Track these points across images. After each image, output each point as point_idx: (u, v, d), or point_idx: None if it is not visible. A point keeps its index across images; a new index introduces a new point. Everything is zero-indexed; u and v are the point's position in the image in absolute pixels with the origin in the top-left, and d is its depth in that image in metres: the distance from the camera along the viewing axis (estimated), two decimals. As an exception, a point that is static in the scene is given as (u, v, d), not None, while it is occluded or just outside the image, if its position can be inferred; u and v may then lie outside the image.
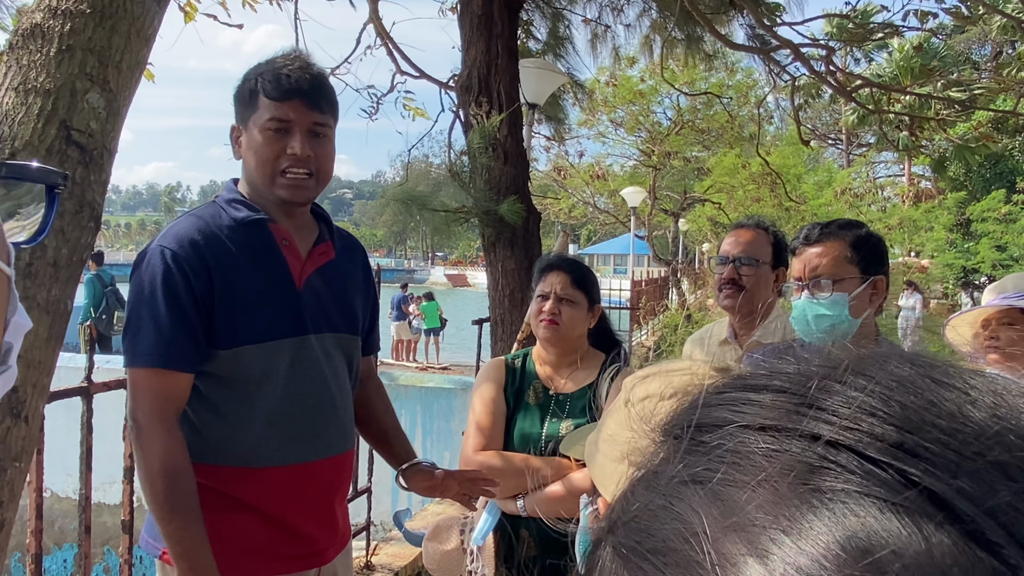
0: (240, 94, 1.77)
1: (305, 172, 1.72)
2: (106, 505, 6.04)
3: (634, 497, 0.33)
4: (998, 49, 23.83)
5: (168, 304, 1.64)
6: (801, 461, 0.29)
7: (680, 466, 0.31)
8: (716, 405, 0.33)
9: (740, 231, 2.59)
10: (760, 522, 0.28)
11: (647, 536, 0.30)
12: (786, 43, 6.10)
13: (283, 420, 1.74)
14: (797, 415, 0.30)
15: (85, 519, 2.33)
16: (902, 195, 22.68)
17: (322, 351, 1.80)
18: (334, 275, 1.86)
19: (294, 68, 1.72)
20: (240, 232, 1.74)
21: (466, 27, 5.12)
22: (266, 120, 1.70)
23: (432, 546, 2.28)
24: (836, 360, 0.33)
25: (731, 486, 0.29)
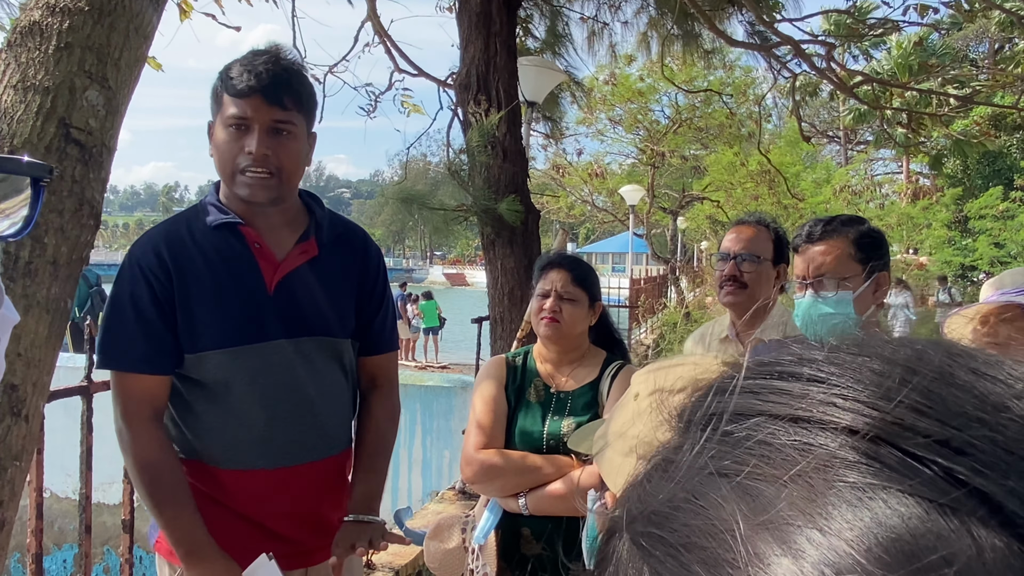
0: (212, 90, 1.73)
1: (265, 171, 1.66)
2: (106, 505, 6.03)
3: (652, 488, 0.32)
4: (999, 44, 23.85)
5: (132, 309, 1.67)
6: (837, 456, 0.27)
7: (704, 457, 0.30)
8: (741, 393, 0.32)
9: (741, 228, 2.58)
10: (794, 520, 0.26)
11: (670, 530, 0.29)
12: (787, 39, 6.09)
13: (254, 425, 1.73)
14: (832, 406, 0.29)
15: (86, 519, 2.33)
16: (900, 192, 22.70)
17: (299, 356, 1.75)
18: (317, 274, 1.79)
19: (259, 63, 1.65)
20: (211, 236, 1.72)
21: (464, 25, 5.11)
22: (226, 117, 1.66)
23: (434, 545, 2.28)
24: (871, 349, 0.31)
25: (761, 480, 0.28)
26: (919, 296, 18.69)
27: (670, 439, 0.34)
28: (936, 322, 3.72)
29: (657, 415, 0.37)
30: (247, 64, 1.66)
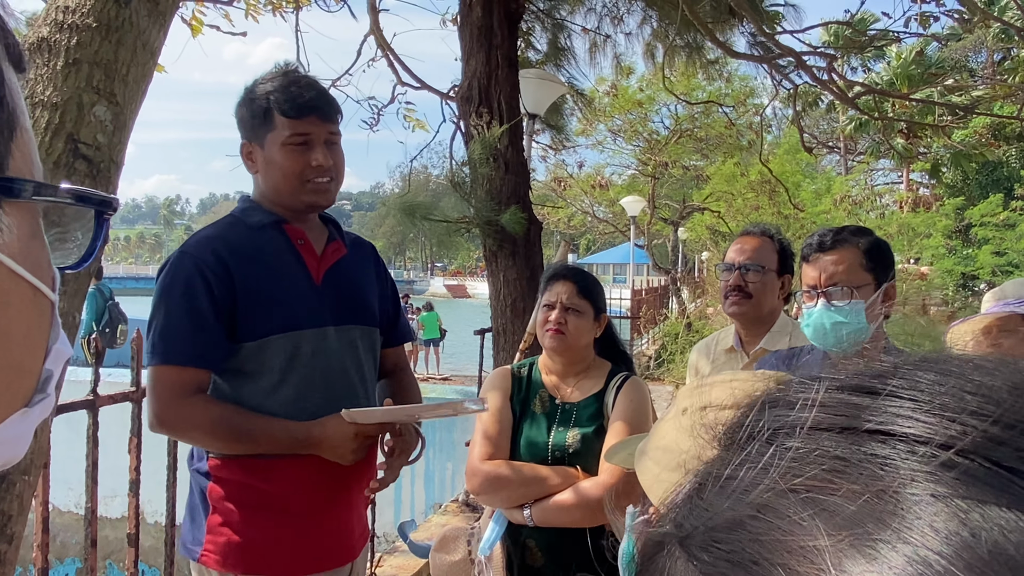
0: (252, 112, 1.86)
1: (327, 179, 1.86)
2: (108, 519, 6.01)
3: (706, 504, 0.31)
4: (1001, 55, 23.93)
5: (186, 304, 1.75)
6: (922, 470, 0.27)
7: (770, 473, 0.29)
8: (805, 407, 0.31)
9: (746, 238, 2.59)
10: (880, 535, 0.26)
11: (737, 546, 0.28)
12: (788, 51, 6.12)
13: (308, 408, 1.82)
14: (912, 420, 0.28)
15: (91, 532, 2.32)
16: (900, 202, 22.72)
17: (346, 342, 1.91)
18: (350, 270, 1.98)
19: (303, 86, 1.85)
20: (257, 235, 1.86)
21: (466, 38, 5.14)
22: (287, 136, 1.82)
23: (439, 557, 2.27)
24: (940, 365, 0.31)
25: (838, 495, 0.27)
26: (920, 306, 18.67)
27: (721, 454, 0.34)
28: (939, 332, 3.71)
29: (708, 431, 0.36)
30: (293, 88, 1.84)
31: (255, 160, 1.88)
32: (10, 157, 0.41)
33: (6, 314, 0.41)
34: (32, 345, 0.43)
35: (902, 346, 2.08)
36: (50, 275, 0.45)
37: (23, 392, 0.43)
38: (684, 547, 0.31)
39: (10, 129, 0.41)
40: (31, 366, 0.44)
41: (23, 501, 1.62)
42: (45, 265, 0.44)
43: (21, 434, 0.44)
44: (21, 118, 0.42)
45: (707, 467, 0.33)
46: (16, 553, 1.62)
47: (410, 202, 5.32)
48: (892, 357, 0.34)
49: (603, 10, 6.47)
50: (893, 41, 7.74)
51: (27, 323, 0.43)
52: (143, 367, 1.81)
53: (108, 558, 6.45)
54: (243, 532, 1.80)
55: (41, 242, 0.44)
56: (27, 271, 0.41)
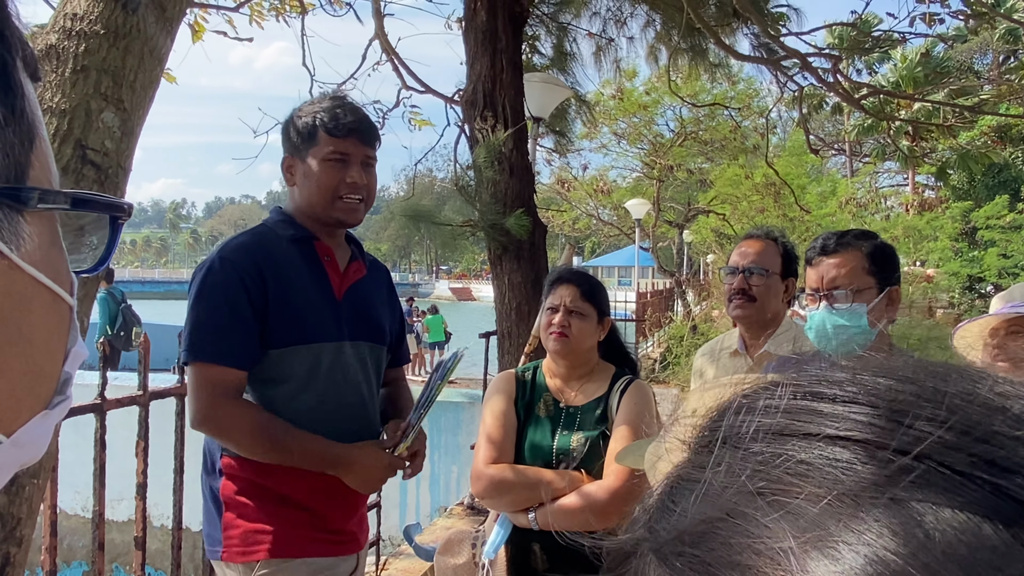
0: (297, 129, 1.98)
1: (358, 198, 1.98)
2: (114, 522, 6.03)
3: (676, 507, 0.32)
4: (1004, 56, 23.87)
5: (225, 305, 1.84)
6: (882, 474, 0.28)
7: (738, 476, 0.30)
8: (770, 413, 0.32)
9: (749, 241, 2.59)
10: (842, 537, 0.27)
11: (707, 549, 0.29)
12: (793, 53, 6.12)
13: (323, 418, 1.91)
14: (871, 427, 0.30)
15: (98, 536, 2.33)
16: (906, 204, 22.66)
17: (357, 357, 2.01)
18: (366, 290, 2.09)
19: (347, 109, 1.99)
20: (289, 247, 1.97)
21: (471, 42, 5.15)
22: (328, 152, 1.94)
23: (444, 560, 2.28)
24: (896, 371, 0.32)
25: (803, 499, 0.28)
26: (925, 308, 18.62)
27: (691, 457, 0.35)
28: (946, 334, 3.70)
29: (680, 435, 0.37)
30: (339, 110, 1.97)
31: (294, 173, 2.00)
32: (30, 167, 0.42)
33: (28, 320, 0.42)
34: (52, 349, 0.45)
35: (908, 349, 2.08)
36: (69, 280, 0.46)
37: (44, 395, 0.45)
38: (655, 552, 0.31)
39: (30, 140, 0.42)
40: (51, 369, 0.45)
41: (32, 504, 1.63)
42: (64, 271, 0.45)
43: (41, 435, 0.45)
44: (39, 128, 0.43)
45: (677, 470, 0.34)
46: (25, 556, 1.63)
47: (415, 205, 5.33)
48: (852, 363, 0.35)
49: (607, 14, 6.48)
50: (898, 42, 7.73)
51: (48, 328, 0.44)
52: (182, 364, 1.90)
53: (115, 561, 6.47)
54: (256, 522, 1.88)
55: (60, 249, 0.45)
56: (48, 278, 0.43)
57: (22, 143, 0.41)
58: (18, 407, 0.42)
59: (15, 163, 0.40)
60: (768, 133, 10.85)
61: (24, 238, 0.41)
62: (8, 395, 0.41)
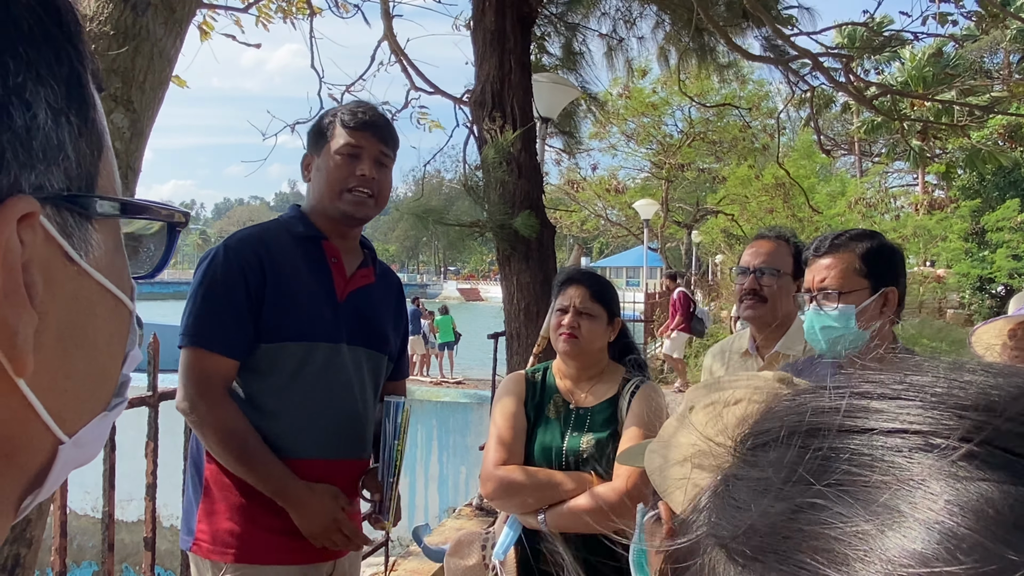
0: (319, 128, 2.00)
1: (368, 192, 1.97)
2: (124, 522, 6.06)
3: (739, 503, 0.33)
4: (1019, 56, 23.74)
5: (222, 293, 1.84)
6: (946, 460, 0.30)
7: (802, 471, 0.32)
8: (827, 411, 0.34)
9: (761, 242, 2.57)
10: (917, 517, 0.29)
11: (780, 539, 0.30)
12: (804, 52, 6.10)
13: (312, 416, 1.91)
14: (931, 418, 0.31)
15: (108, 536, 2.34)
16: (916, 204, 22.55)
17: (353, 361, 1.99)
18: (372, 297, 2.07)
19: (367, 107, 2.02)
20: (297, 244, 1.96)
21: (479, 43, 5.15)
22: (341, 145, 1.95)
23: (454, 561, 2.27)
24: (944, 369, 0.34)
25: (870, 487, 0.30)
26: (936, 308, 18.53)
27: (746, 454, 0.36)
28: (959, 334, 3.67)
29: (715, 425, 0.38)
30: (358, 108, 2.00)
31: (310, 169, 2.01)
32: (99, 176, 0.43)
33: (94, 324, 0.43)
34: (114, 352, 0.46)
35: (920, 350, 2.06)
36: (129, 286, 0.47)
37: (104, 396, 0.46)
38: (724, 549, 0.33)
39: (99, 149, 0.43)
40: (112, 372, 0.46)
41: (42, 505, 1.63)
42: (125, 277, 0.47)
43: (99, 435, 0.46)
44: (106, 139, 0.45)
45: (734, 468, 0.35)
46: (35, 557, 1.63)
47: (423, 206, 5.33)
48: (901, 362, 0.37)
49: (616, 14, 6.47)
50: (909, 42, 7.69)
51: (110, 332, 0.45)
52: (182, 347, 1.89)
53: (124, 561, 6.50)
54: (230, 521, 1.87)
55: (122, 255, 0.47)
56: (112, 283, 0.44)
57: (92, 153, 0.42)
58: (81, 408, 0.43)
59: (86, 172, 0.42)
60: (778, 133, 10.81)
61: (92, 245, 0.42)
62: (73, 397, 0.42)
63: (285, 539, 1.87)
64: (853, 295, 1.88)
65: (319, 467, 1.92)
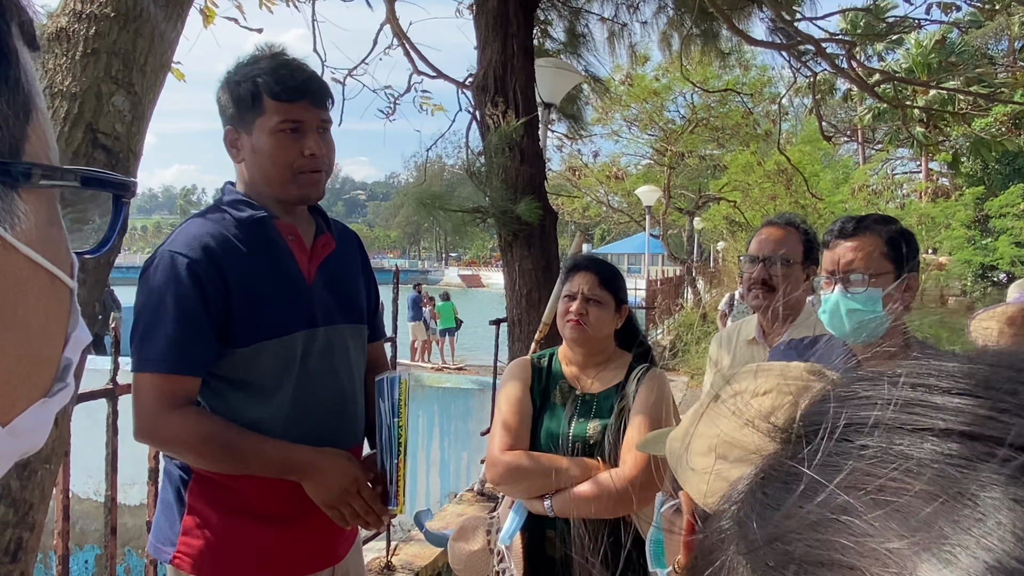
0: (238, 96, 1.73)
1: (319, 170, 1.75)
2: (126, 506, 6.07)
3: (769, 499, 0.30)
4: (1021, 44, 23.61)
5: (178, 309, 1.63)
6: (1003, 472, 0.26)
7: (836, 471, 0.29)
8: (866, 405, 0.30)
9: (770, 229, 2.54)
10: (959, 541, 0.25)
11: (805, 547, 0.27)
12: (808, 38, 6.06)
13: (298, 416, 1.74)
14: (992, 420, 0.27)
15: (111, 520, 2.34)
16: (919, 191, 22.50)
17: (335, 342, 1.82)
18: (338, 266, 1.88)
19: (293, 68, 1.73)
20: (247, 231, 1.74)
21: (482, 27, 5.12)
22: (278, 122, 1.70)
23: (458, 546, 2.27)
24: (999, 358, 0.30)
25: (913, 496, 0.26)
26: (938, 296, 18.52)
27: (783, 448, 0.33)
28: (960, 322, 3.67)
29: (741, 416, 0.35)
30: (283, 70, 1.71)
31: (240, 148, 1.76)
32: (26, 141, 0.40)
33: (24, 303, 0.40)
34: (51, 334, 0.43)
35: (923, 337, 2.04)
36: (68, 262, 0.44)
37: (43, 382, 0.43)
38: (748, 546, 0.30)
39: (26, 112, 0.40)
40: (50, 355, 0.43)
41: (44, 489, 1.63)
42: (63, 252, 0.43)
43: (40, 424, 0.43)
44: (37, 100, 0.41)
45: (769, 461, 0.32)
46: (38, 541, 1.62)
47: (425, 192, 5.31)
48: (945, 353, 0.33)
49: (620, -1, 6.42)
50: (914, 28, 7.65)
51: (46, 312, 0.42)
52: (137, 372, 1.66)
53: (127, 545, 6.52)
54: (219, 537, 1.71)
55: (59, 228, 0.43)
56: (45, 259, 0.41)
57: (16, 115, 0.39)
58: (14, 395, 0.40)
59: (8, 136, 0.38)
60: (780, 120, 10.77)
61: (19, 216, 0.39)
62: (3, 382, 0.39)
63: (277, 553, 1.74)
64: (880, 278, 1.86)
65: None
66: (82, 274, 1.59)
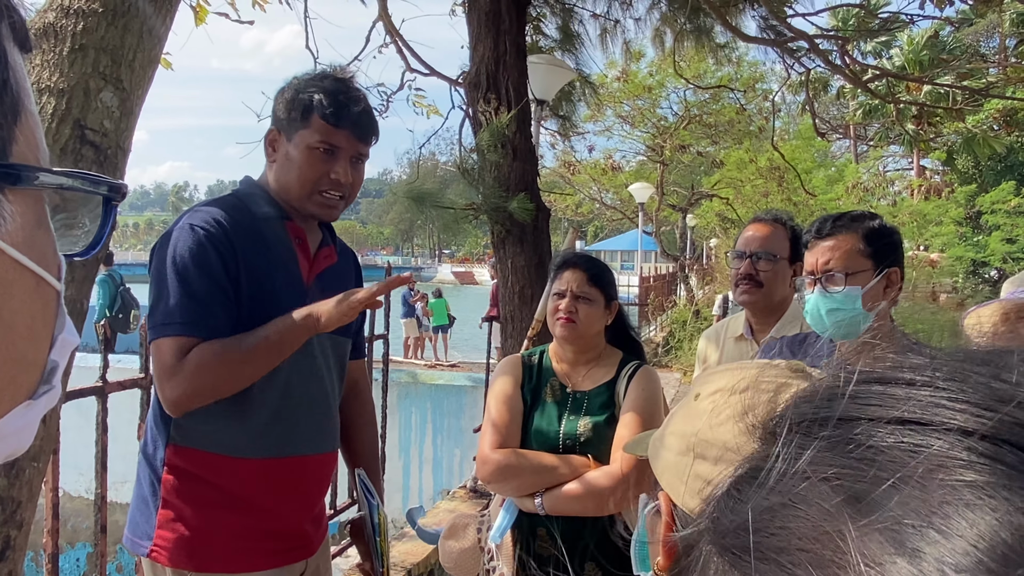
0: (291, 105, 1.79)
1: (339, 195, 1.82)
2: (118, 504, 6.06)
3: (741, 496, 0.31)
4: (1015, 39, 23.69)
5: (200, 274, 1.64)
6: (950, 457, 0.27)
7: (802, 463, 0.30)
8: (836, 400, 0.31)
9: (757, 225, 2.56)
10: (907, 521, 0.26)
11: (767, 535, 0.28)
12: (801, 34, 6.06)
13: (285, 413, 1.77)
14: (942, 408, 0.28)
15: (101, 518, 2.33)
16: (912, 189, 22.57)
17: (320, 350, 1.86)
18: (335, 278, 1.92)
19: (351, 98, 1.80)
20: (259, 224, 1.78)
21: (474, 24, 5.10)
22: (317, 140, 1.77)
23: (449, 544, 2.27)
24: (968, 353, 0.31)
25: (867, 483, 0.27)
26: (929, 292, 18.59)
27: (755, 448, 0.34)
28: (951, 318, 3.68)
29: (720, 414, 0.37)
30: (342, 96, 1.79)
31: (276, 149, 1.83)
32: (14, 142, 0.39)
33: (9, 306, 0.40)
34: (36, 336, 0.43)
35: (912, 332, 2.05)
36: (55, 264, 0.44)
37: (27, 384, 0.42)
38: (718, 542, 0.31)
39: (14, 113, 0.39)
40: (35, 357, 0.43)
41: (32, 488, 1.62)
42: (50, 254, 0.43)
43: (25, 426, 0.43)
44: (26, 101, 0.41)
45: (744, 461, 0.34)
46: (26, 539, 1.62)
47: (418, 189, 5.30)
48: (919, 347, 0.34)
49: (612, -5, 6.42)
50: (906, 24, 7.67)
51: (31, 314, 0.42)
52: (157, 339, 1.65)
53: (118, 543, 6.51)
54: (195, 528, 1.72)
55: (46, 230, 0.43)
56: (31, 260, 0.40)
57: (4, 116, 0.38)
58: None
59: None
60: (773, 116, 10.79)
61: (5, 218, 0.38)
62: None
63: (253, 543, 1.75)
64: (858, 276, 1.87)
65: (291, 465, 1.80)
66: (69, 272, 1.58)
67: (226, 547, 1.73)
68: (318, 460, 1.87)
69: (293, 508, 1.82)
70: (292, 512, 1.82)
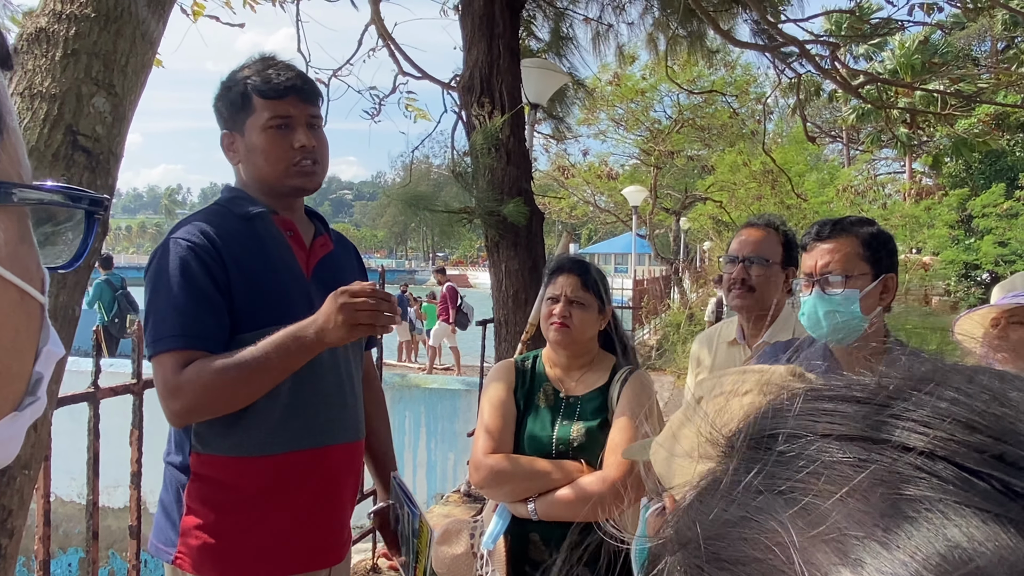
0: (229, 100, 1.82)
1: (311, 160, 1.82)
2: (110, 509, 6.02)
3: (703, 507, 0.32)
4: (1003, 44, 23.82)
5: (188, 288, 1.66)
6: (892, 471, 0.28)
7: (756, 477, 0.31)
8: (791, 415, 0.33)
9: (750, 230, 2.56)
10: (851, 532, 0.27)
11: (723, 546, 0.30)
12: (791, 40, 6.08)
13: (299, 405, 1.77)
14: (885, 425, 0.30)
15: (93, 524, 2.32)
16: (903, 192, 22.65)
17: None
18: (336, 267, 1.92)
19: (280, 68, 1.82)
20: (247, 225, 1.79)
21: (468, 27, 5.11)
22: (267, 118, 1.77)
23: (441, 550, 2.27)
24: (918, 373, 0.33)
25: (816, 496, 0.29)
26: (922, 296, 18.65)
27: (722, 460, 0.35)
28: (943, 322, 3.69)
29: (721, 417, 0.38)
30: (270, 70, 1.80)
31: (237, 150, 1.84)
32: None
33: None
34: (21, 349, 0.43)
35: (905, 338, 2.06)
36: (39, 277, 0.44)
37: (12, 397, 0.43)
38: (681, 553, 0.32)
39: None
40: (20, 370, 0.43)
41: (23, 495, 1.61)
42: (34, 268, 0.43)
43: (10, 438, 0.43)
44: (7, 118, 0.41)
45: (708, 474, 0.35)
46: (17, 547, 1.61)
47: (412, 192, 5.30)
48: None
49: None
50: (896, 30, 7.70)
51: (15, 327, 0.42)
52: (144, 358, 1.70)
53: (111, 548, 6.47)
54: (218, 535, 1.72)
55: (30, 245, 0.43)
56: (14, 275, 0.41)
57: None
58: None
59: None
60: (765, 120, 10.81)
61: None
62: None
63: (278, 546, 1.75)
64: (856, 279, 1.87)
65: (312, 457, 1.79)
66: (60, 277, 1.57)
67: (249, 555, 1.74)
68: (340, 450, 1.86)
69: (319, 502, 1.81)
70: (317, 507, 1.81)
